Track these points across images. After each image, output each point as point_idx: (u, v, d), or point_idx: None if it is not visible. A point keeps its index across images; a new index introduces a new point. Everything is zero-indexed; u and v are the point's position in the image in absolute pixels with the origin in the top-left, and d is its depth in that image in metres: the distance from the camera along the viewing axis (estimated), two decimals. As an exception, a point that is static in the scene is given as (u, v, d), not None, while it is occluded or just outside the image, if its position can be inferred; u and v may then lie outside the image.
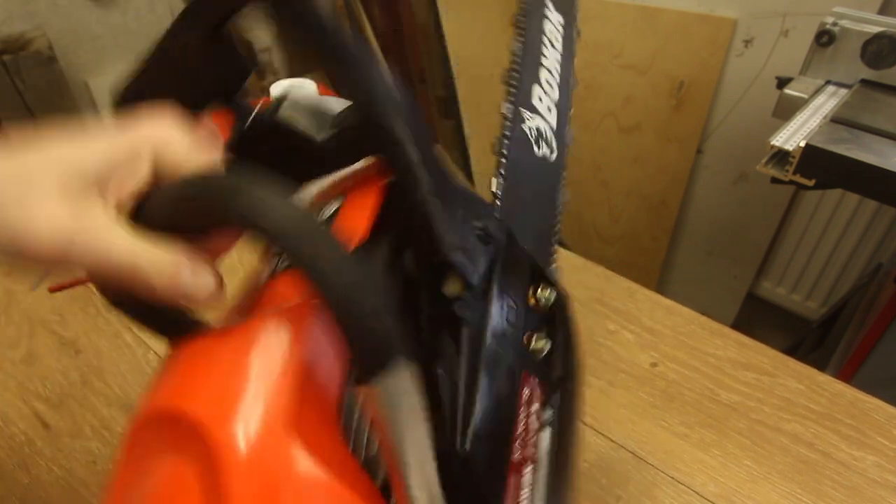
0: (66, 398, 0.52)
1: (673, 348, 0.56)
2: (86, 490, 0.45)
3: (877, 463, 0.47)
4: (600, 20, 1.44)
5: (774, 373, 0.54)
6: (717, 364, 0.55)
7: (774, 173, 0.77)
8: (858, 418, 0.50)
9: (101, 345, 0.56)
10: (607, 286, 0.63)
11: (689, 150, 1.46)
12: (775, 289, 1.56)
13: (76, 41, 1.41)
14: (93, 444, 0.48)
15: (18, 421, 0.50)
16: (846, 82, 0.90)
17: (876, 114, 0.79)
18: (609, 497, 0.44)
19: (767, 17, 1.25)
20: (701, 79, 1.36)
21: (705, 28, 1.32)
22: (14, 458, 0.47)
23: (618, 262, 1.69)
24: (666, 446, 0.48)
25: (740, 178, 1.44)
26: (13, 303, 0.61)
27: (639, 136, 1.50)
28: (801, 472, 0.46)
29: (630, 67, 1.44)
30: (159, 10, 1.51)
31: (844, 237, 1.37)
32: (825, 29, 0.88)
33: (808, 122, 0.80)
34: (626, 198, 1.59)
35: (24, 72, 1.24)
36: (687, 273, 1.66)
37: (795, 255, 1.47)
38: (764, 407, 0.51)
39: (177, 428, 0.18)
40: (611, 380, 0.53)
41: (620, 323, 0.59)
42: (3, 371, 0.54)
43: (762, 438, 0.48)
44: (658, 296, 0.62)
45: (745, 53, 1.31)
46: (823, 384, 0.53)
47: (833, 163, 0.71)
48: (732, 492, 0.45)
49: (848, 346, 1.08)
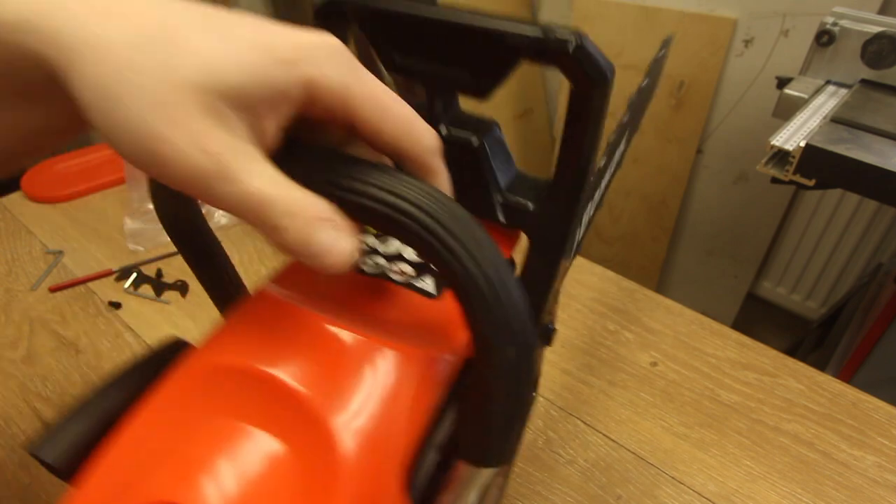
0: (66, 398, 0.52)
1: (673, 348, 0.56)
2: (86, 490, 0.45)
3: (877, 463, 0.47)
4: (600, 20, 1.44)
5: (775, 373, 0.54)
6: (717, 364, 0.55)
7: (774, 173, 0.78)
8: (859, 418, 0.50)
9: (102, 345, 0.56)
10: (607, 286, 0.63)
11: (689, 150, 1.46)
12: (775, 289, 1.56)
13: (76, 41, 1.41)
14: (93, 443, 0.48)
15: (19, 421, 0.50)
16: (846, 82, 0.90)
17: (876, 114, 0.79)
18: (609, 496, 0.44)
19: (767, 17, 1.25)
20: (701, 79, 1.37)
21: (705, 28, 1.32)
22: (15, 457, 0.47)
23: (618, 262, 1.69)
24: (666, 446, 0.48)
25: (740, 178, 1.44)
26: (13, 303, 0.61)
27: (639, 136, 1.50)
28: (802, 471, 0.46)
29: (630, 67, 1.44)
30: (159, 10, 1.51)
31: (844, 237, 1.37)
32: (825, 29, 0.88)
33: (808, 122, 0.80)
34: (626, 198, 1.60)
35: (24, 72, 1.24)
36: (687, 273, 1.66)
37: (795, 255, 1.47)
38: (764, 407, 0.51)
39: (270, 395, 0.18)
40: (611, 380, 0.53)
41: (620, 323, 0.59)
42: (4, 371, 0.54)
43: (762, 438, 0.48)
44: (658, 296, 0.62)
45: (745, 53, 1.31)
46: (824, 384, 0.53)
47: (833, 163, 0.71)
48: (732, 491, 0.45)
49: (848, 346, 1.08)
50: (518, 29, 0.22)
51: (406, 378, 0.20)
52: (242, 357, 0.19)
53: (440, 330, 0.23)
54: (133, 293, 0.62)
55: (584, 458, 0.47)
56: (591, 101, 0.23)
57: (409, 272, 0.26)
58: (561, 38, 0.21)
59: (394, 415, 0.20)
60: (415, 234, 0.17)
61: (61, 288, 0.63)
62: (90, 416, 0.20)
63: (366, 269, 0.26)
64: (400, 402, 0.20)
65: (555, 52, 0.21)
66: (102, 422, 0.20)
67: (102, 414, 0.20)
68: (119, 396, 0.20)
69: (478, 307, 0.17)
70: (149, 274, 0.64)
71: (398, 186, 0.17)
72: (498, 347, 0.18)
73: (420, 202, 0.17)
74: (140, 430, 0.19)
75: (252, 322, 0.22)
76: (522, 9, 1.61)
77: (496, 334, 0.18)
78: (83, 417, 0.20)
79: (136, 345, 0.56)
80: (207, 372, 0.20)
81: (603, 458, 0.47)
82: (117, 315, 0.60)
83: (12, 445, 0.48)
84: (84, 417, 0.20)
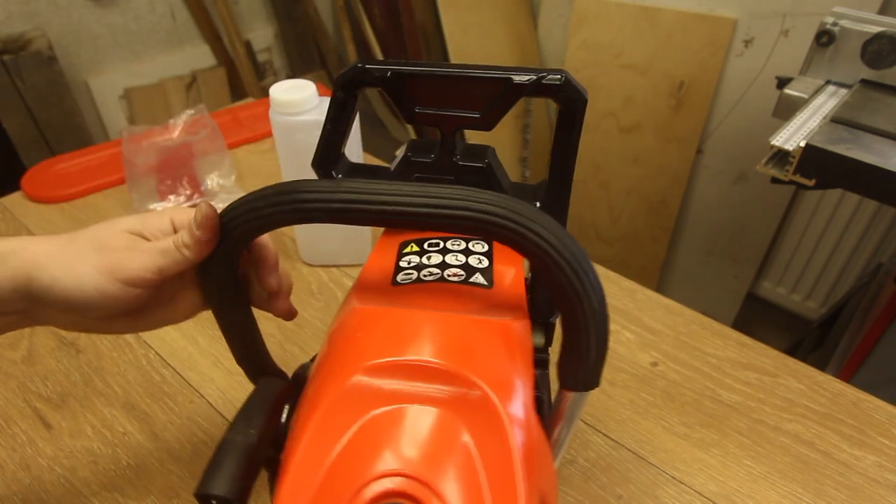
0: (67, 398, 0.52)
1: (673, 348, 0.56)
2: (87, 490, 0.45)
3: (877, 463, 0.47)
4: (600, 20, 1.44)
5: (775, 373, 0.54)
6: (717, 364, 0.55)
7: (774, 173, 0.78)
8: (859, 418, 0.50)
9: (102, 345, 0.56)
10: (607, 286, 0.63)
11: (689, 150, 1.46)
12: (775, 289, 1.56)
13: (76, 41, 1.41)
14: (94, 443, 0.48)
15: (20, 421, 0.50)
16: (846, 82, 0.90)
17: (876, 114, 0.79)
18: (609, 496, 0.44)
19: (767, 17, 1.25)
20: (701, 79, 1.37)
21: (705, 28, 1.32)
22: (15, 457, 0.47)
23: (618, 262, 1.69)
24: (666, 446, 0.48)
25: (740, 178, 1.44)
26: (14, 303, 0.61)
27: (639, 136, 1.50)
28: (802, 471, 0.46)
29: (630, 67, 1.44)
30: (159, 10, 1.51)
31: (844, 237, 1.37)
32: (825, 29, 0.88)
33: (808, 122, 0.80)
34: (626, 198, 1.60)
35: (24, 72, 1.24)
36: (687, 273, 1.66)
37: (795, 255, 1.47)
38: (764, 407, 0.51)
39: (423, 376, 0.22)
40: (611, 379, 0.53)
41: (620, 323, 0.59)
42: (4, 371, 0.54)
43: (763, 438, 0.48)
44: (658, 296, 0.62)
45: (745, 53, 1.31)
46: (824, 384, 0.53)
47: (833, 163, 0.71)
48: (733, 491, 0.45)
49: (848, 346, 1.08)
50: (520, 74, 0.31)
51: (513, 339, 0.26)
52: (382, 355, 0.23)
53: (508, 307, 0.28)
54: (133, 293, 0.62)
55: (585, 457, 0.47)
56: (575, 117, 0.32)
57: (462, 274, 0.31)
58: (553, 78, 0.30)
59: (517, 367, 0.25)
60: (509, 230, 0.23)
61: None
62: (238, 452, 0.23)
63: (426, 279, 0.30)
64: (517, 358, 0.26)
65: (548, 88, 0.31)
66: (249, 452, 0.23)
67: (246, 447, 0.23)
68: (250, 430, 0.23)
69: (569, 272, 0.23)
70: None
71: (479, 196, 0.23)
72: (588, 297, 0.23)
73: (503, 204, 0.23)
74: (318, 436, 0.22)
75: (370, 328, 0.26)
76: (523, 10, 1.61)
77: (584, 289, 0.23)
78: (232, 453, 0.22)
79: (137, 345, 0.56)
80: (356, 376, 0.23)
81: (603, 458, 0.47)
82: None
83: (12, 445, 0.48)
84: (233, 453, 0.22)
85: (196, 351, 0.56)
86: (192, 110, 0.80)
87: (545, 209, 0.34)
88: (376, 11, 1.68)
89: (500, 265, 0.32)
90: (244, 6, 1.66)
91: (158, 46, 1.55)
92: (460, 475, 0.21)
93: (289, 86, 0.55)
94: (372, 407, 0.22)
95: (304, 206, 0.25)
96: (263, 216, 0.25)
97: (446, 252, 0.33)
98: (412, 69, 0.32)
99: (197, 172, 0.77)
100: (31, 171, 0.82)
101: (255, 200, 0.26)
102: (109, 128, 1.52)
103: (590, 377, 0.26)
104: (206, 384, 0.53)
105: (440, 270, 0.31)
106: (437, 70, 0.31)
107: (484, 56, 1.57)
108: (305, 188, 0.25)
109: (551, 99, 0.31)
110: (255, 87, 1.69)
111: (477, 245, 0.34)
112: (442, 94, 0.32)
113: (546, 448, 0.26)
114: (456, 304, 0.28)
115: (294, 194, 0.25)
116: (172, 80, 1.59)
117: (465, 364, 0.23)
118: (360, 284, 0.31)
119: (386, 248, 0.34)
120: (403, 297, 0.29)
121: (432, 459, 0.21)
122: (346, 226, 0.27)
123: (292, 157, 0.59)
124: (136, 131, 0.77)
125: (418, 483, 0.20)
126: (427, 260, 0.32)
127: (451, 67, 0.31)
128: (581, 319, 0.24)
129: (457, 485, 0.20)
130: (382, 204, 0.24)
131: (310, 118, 0.55)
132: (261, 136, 0.90)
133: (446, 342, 0.24)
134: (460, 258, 0.32)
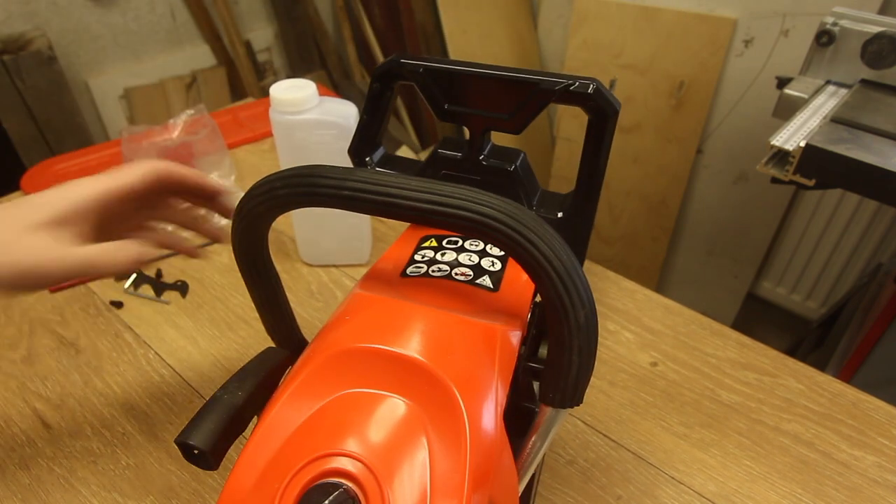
0: (66, 398, 0.52)
1: (673, 348, 0.56)
2: (87, 490, 0.45)
3: (877, 463, 0.47)
4: (600, 20, 1.44)
5: (775, 373, 0.54)
6: (717, 364, 0.55)
7: (774, 173, 0.78)
8: (859, 418, 0.50)
9: (101, 345, 0.56)
10: (607, 286, 0.63)
11: (689, 150, 1.46)
12: (775, 289, 1.56)
13: (76, 41, 1.41)
14: (93, 443, 0.48)
15: (19, 421, 0.50)
16: (846, 82, 0.90)
17: (876, 114, 0.79)
18: (609, 496, 0.44)
19: (767, 17, 1.25)
20: (701, 79, 1.37)
21: (705, 28, 1.32)
22: (15, 457, 0.47)
23: (618, 262, 1.69)
24: (666, 446, 0.48)
25: (740, 178, 1.44)
26: (13, 303, 0.61)
27: (639, 136, 1.50)
28: (802, 471, 0.46)
29: (630, 67, 1.44)
30: (159, 10, 1.51)
31: (844, 237, 1.37)
32: (825, 29, 0.88)
33: (808, 122, 0.80)
34: (626, 198, 1.59)
35: (24, 72, 1.24)
36: (687, 273, 1.66)
37: (795, 255, 1.47)
38: (764, 407, 0.51)
39: (395, 366, 0.23)
40: (611, 380, 0.53)
41: (620, 323, 0.59)
42: (4, 371, 0.54)
43: (762, 438, 0.48)
44: (658, 296, 0.62)
45: (745, 53, 1.31)
46: (824, 384, 0.53)
47: (833, 163, 0.71)
48: (732, 491, 0.45)
49: (848, 346, 1.08)
50: (551, 78, 0.30)
51: (496, 345, 0.26)
52: (365, 340, 0.24)
53: (505, 313, 0.29)
54: (133, 293, 0.62)
55: (584, 458, 0.47)
56: (605, 128, 0.31)
57: (470, 274, 0.31)
58: (584, 84, 0.30)
59: (494, 373, 0.25)
60: (503, 234, 0.23)
61: (61, 288, 0.63)
62: (221, 409, 0.24)
63: (433, 274, 0.31)
64: (497, 364, 0.26)
65: (578, 95, 0.30)
66: (232, 411, 0.24)
67: (230, 406, 0.24)
68: (238, 392, 0.25)
69: (557, 283, 0.23)
70: (149, 274, 0.64)
71: (482, 198, 0.23)
72: (574, 312, 0.23)
73: (503, 209, 0.23)
74: (288, 406, 0.23)
75: (362, 314, 0.27)
76: (523, 10, 1.61)
77: (572, 303, 0.23)
78: (215, 410, 0.24)
79: (136, 345, 0.56)
80: (337, 356, 0.24)
81: (603, 458, 0.47)
82: (117, 315, 0.60)
83: (12, 445, 0.48)
84: (216, 410, 0.24)
85: (196, 351, 0.56)
86: (191, 110, 0.80)
87: (568, 219, 0.35)
88: (376, 11, 1.68)
89: (515, 271, 0.32)
90: (244, 6, 1.66)
91: (158, 46, 1.55)
92: (407, 467, 0.21)
93: (289, 85, 0.55)
94: (343, 387, 0.23)
95: (317, 191, 0.25)
96: (279, 196, 0.26)
97: (462, 251, 0.33)
98: (444, 66, 0.33)
99: (197, 172, 0.77)
100: (31, 171, 0.82)
101: (274, 181, 0.26)
102: (109, 128, 1.52)
103: (568, 394, 0.26)
104: (205, 384, 0.53)
105: (450, 268, 0.32)
106: (467, 69, 0.32)
107: (484, 56, 1.57)
108: (321, 173, 0.25)
109: (581, 107, 0.31)
110: (255, 87, 1.69)
111: (495, 248, 0.34)
112: (471, 93, 0.33)
113: (509, 456, 0.26)
114: (452, 303, 0.28)
115: (310, 178, 0.25)
116: (172, 80, 1.58)
117: (440, 362, 0.23)
118: (372, 271, 0.32)
119: (408, 240, 0.35)
120: (405, 288, 0.29)
121: (383, 447, 0.21)
122: (345, 226, 0.27)
123: (292, 156, 0.59)
124: (136, 131, 0.77)
125: (364, 466, 0.21)
126: (441, 256, 0.33)
127: (480, 67, 0.32)
128: (565, 334, 0.24)
129: (401, 475, 0.21)
130: (388, 196, 0.24)
131: (310, 117, 0.55)
132: (261, 136, 0.90)
133: (428, 338, 0.25)
134: (473, 258, 0.33)
